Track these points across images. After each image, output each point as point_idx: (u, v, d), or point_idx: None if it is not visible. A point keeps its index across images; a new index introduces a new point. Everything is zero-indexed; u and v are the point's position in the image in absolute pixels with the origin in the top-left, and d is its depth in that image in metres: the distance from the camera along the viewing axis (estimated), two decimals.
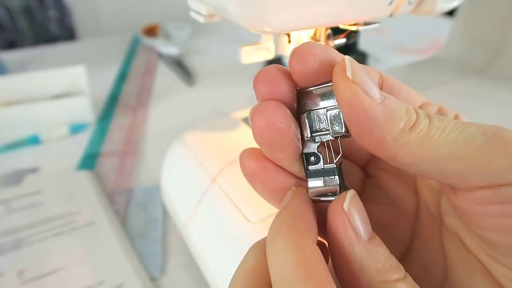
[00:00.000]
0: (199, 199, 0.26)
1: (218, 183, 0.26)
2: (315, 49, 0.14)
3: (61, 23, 0.89)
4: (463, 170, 0.12)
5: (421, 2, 0.26)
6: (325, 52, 0.14)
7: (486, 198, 0.12)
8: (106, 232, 0.33)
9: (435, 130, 0.13)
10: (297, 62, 0.14)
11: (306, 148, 0.15)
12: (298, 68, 0.14)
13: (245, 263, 0.14)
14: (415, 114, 0.13)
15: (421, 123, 0.13)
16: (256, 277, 0.14)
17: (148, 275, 0.30)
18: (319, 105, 0.14)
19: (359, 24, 0.26)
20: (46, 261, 0.31)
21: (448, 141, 0.12)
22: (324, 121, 0.14)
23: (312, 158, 0.15)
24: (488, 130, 0.12)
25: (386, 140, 0.13)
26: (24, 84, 0.52)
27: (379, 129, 0.13)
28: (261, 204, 0.23)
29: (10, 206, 0.36)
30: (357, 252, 0.13)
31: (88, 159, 0.44)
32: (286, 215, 0.14)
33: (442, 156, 0.12)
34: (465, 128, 0.12)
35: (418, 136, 0.12)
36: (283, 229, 0.13)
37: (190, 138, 0.31)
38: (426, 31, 0.80)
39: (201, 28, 0.81)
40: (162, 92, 0.60)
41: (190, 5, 0.27)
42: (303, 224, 0.13)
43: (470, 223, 0.14)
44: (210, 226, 0.25)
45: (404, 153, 0.13)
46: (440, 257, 0.16)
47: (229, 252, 0.23)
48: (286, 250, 0.12)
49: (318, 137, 0.15)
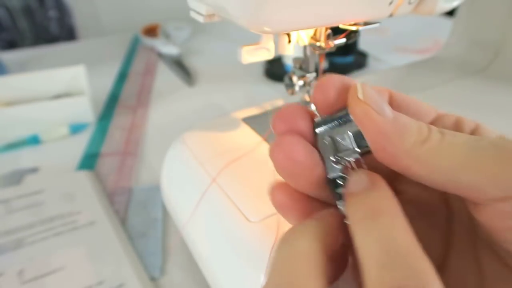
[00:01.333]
0: (199, 199, 0.26)
1: (218, 183, 0.26)
2: (334, 80, 0.15)
3: (61, 23, 0.89)
4: (476, 181, 0.13)
5: (421, 2, 0.26)
6: (342, 81, 0.15)
7: (504, 211, 0.13)
8: (106, 232, 0.33)
9: (447, 143, 0.13)
10: (319, 93, 0.15)
11: (332, 172, 0.15)
12: (320, 98, 0.15)
13: (293, 247, 0.14)
14: (427, 128, 0.14)
15: (433, 137, 0.14)
16: (307, 261, 0.13)
17: (148, 275, 0.30)
18: (340, 128, 0.15)
19: (359, 24, 0.26)
20: (46, 261, 0.31)
21: (459, 153, 0.13)
22: (347, 141, 0.15)
23: (338, 181, 0.15)
24: (498, 143, 0.13)
25: (398, 154, 0.14)
26: (24, 84, 0.52)
27: (392, 145, 0.14)
28: (261, 204, 0.23)
29: (10, 206, 0.36)
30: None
31: (88, 159, 0.44)
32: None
33: (454, 167, 0.13)
34: (477, 142, 0.13)
35: (430, 149, 0.13)
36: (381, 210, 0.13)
37: (190, 138, 0.31)
38: (426, 31, 0.80)
39: (201, 28, 0.81)
40: (162, 92, 0.60)
41: (190, 5, 0.27)
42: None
43: (496, 238, 0.14)
44: (210, 226, 0.25)
45: (418, 165, 0.13)
46: (476, 270, 0.16)
47: (229, 252, 0.23)
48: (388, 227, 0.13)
49: (342, 160, 0.15)
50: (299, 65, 0.31)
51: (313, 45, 0.29)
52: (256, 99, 0.56)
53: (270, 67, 0.61)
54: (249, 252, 0.22)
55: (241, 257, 0.22)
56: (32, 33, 0.86)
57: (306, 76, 0.31)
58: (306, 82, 0.31)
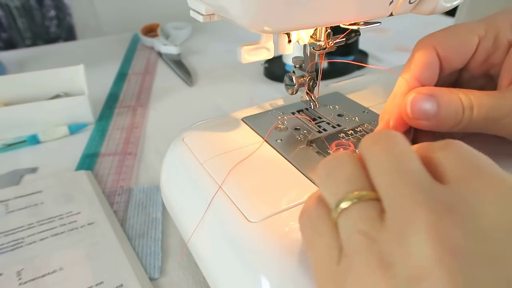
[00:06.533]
0: (198, 199, 0.26)
1: (218, 184, 0.26)
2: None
3: (60, 23, 0.89)
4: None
5: (421, 2, 0.26)
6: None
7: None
8: (105, 232, 0.33)
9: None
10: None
11: None
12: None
13: (344, 167, 0.17)
14: (461, 111, 0.22)
15: (465, 116, 0.22)
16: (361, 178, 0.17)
17: (148, 276, 0.30)
18: None
19: (360, 23, 0.26)
20: (45, 262, 0.30)
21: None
22: None
23: None
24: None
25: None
26: (24, 84, 0.52)
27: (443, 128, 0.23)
28: (261, 204, 0.23)
29: (9, 206, 0.36)
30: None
31: (87, 159, 0.44)
32: None
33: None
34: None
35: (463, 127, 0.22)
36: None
37: (189, 138, 0.30)
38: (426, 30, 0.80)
39: (201, 27, 0.81)
40: (162, 92, 0.59)
41: (190, 5, 0.26)
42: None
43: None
44: (210, 226, 0.25)
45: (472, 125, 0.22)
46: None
47: (229, 252, 0.23)
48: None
49: None
50: (299, 65, 0.31)
51: (313, 45, 0.29)
52: (256, 99, 0.56)
53: (270, 67, 0.61)
54: (249, 252, 0.22)
55: (241, 257, 0.22)
56: (31, 32, 0.86)
57: (306, 75, 0.31)
58: (306, 81, 0.31)
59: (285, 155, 0.27)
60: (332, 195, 0.17)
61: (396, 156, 0.16)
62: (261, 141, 0.29)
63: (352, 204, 0.16)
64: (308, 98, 0.32)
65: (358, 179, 0.17)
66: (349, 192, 0.16)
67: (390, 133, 0.17)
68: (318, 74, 0.31)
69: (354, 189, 0.16)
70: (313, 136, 0.29)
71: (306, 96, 0.32)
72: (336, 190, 0.17)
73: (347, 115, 0.32)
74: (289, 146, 0.28)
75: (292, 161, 0.27)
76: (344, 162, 0.17)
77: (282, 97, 0.35)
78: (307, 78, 0.31)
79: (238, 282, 0.22)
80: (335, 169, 0.17)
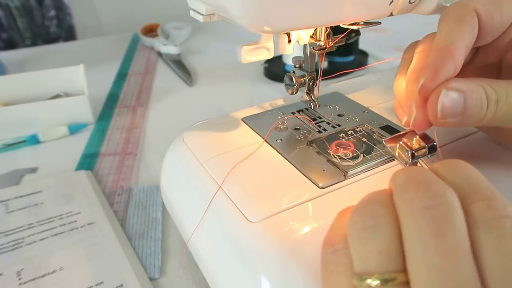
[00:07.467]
0: (198, 199, 0.26)
1: (218, 184, 0.26)
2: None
3: (60, 23, 0.89)
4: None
5: (421, 2, 0.26)
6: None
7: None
8: (105, 232, 0.33)
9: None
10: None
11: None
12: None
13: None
14: (486, 107, 0.20)
15: (489, 112, 0.20)
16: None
17: (148, 276, 0.30)
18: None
19: (360, 23, 0.26)
20: (45, 262, 0.30)
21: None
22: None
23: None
24: None
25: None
26: (23, 84, 0.52)
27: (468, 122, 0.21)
28: (261, 204, 0.23)
29: (9, 206, 0.36)
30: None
31: (87, 159, 0.44)
32: None
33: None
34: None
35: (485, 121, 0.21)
36: None
37: (189, 137, 0.30)
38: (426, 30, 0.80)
39: (201, 27, 0.81)
40: (162, 92, 0.59)
41: (190, 5, 0.26)
42: None
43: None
44: (210, 226, 0.25)
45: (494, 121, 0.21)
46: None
47: (229, 252, 0.23)
48: None
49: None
50: (299, 65, 0.31)
51: (313, 45, 0.29)
52: (256, 99, 0.56)
53: (270, 67, 0.61)
54: (249, 252, 0.22)
55: (241, 257, 0.22)
56: (31, 32, 0.86)
57: (306, 75, 0.31)
58: (306, 81, 0.31)
59: (285, 155, 0.27)
60: (361, 260, 0.16)
61: (438, 247, 0.14)
62: (261, 141, 0.29)
63: (380, 285, 0.15)
64: (308, 98, 0.32)
65: (392, 255, 0.15)
66: (381, 268, 0.15)
67: (430, 185, 0.15)
68: (318, 74, 0.31)
69: (386, 267, 0.15)
70: (313, 136, 0.29)
71: (306, 96, 0.32)
72: (366, 258, 0.15)
73: (347, 115, 0.32)
74: (289, 146, 0.28)
75: (292, 161, 0.27)
76: (381, 226, 0.16)
77: (282, 97, 0.35)
78: (307, 78, 0.31)
79: (238, 282, 0.22)
80: (369, 230, 0.16)
